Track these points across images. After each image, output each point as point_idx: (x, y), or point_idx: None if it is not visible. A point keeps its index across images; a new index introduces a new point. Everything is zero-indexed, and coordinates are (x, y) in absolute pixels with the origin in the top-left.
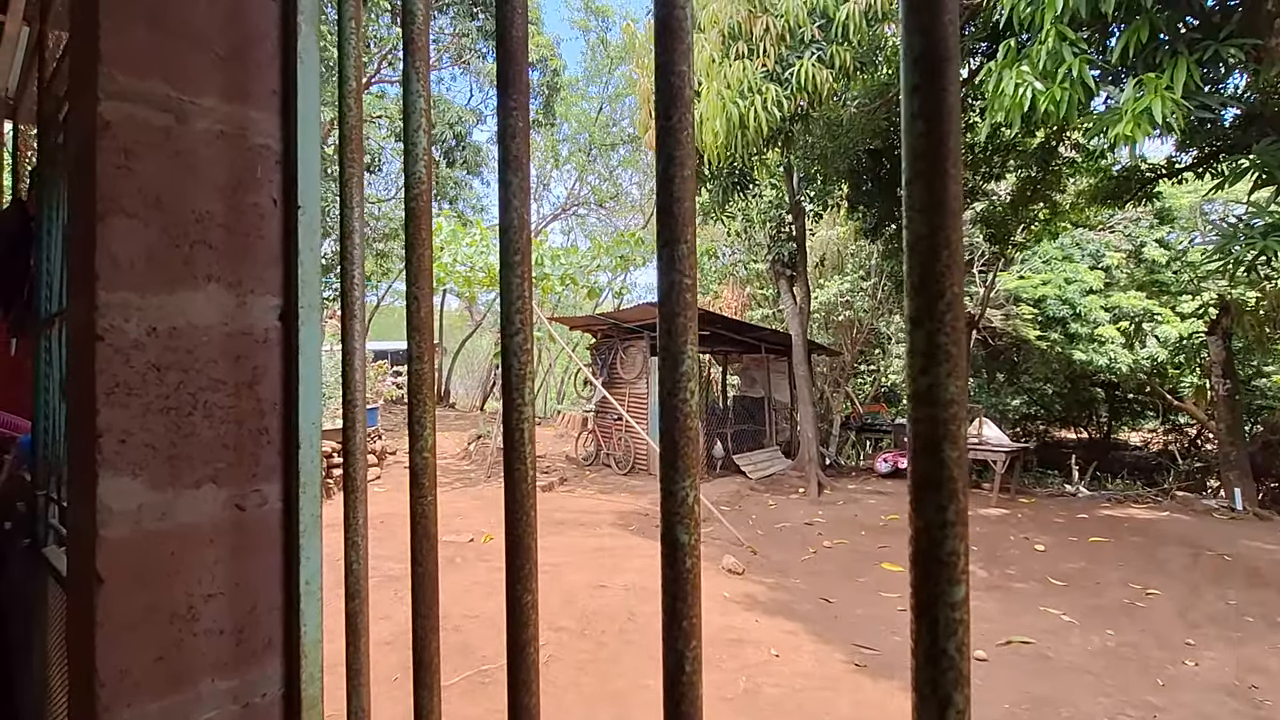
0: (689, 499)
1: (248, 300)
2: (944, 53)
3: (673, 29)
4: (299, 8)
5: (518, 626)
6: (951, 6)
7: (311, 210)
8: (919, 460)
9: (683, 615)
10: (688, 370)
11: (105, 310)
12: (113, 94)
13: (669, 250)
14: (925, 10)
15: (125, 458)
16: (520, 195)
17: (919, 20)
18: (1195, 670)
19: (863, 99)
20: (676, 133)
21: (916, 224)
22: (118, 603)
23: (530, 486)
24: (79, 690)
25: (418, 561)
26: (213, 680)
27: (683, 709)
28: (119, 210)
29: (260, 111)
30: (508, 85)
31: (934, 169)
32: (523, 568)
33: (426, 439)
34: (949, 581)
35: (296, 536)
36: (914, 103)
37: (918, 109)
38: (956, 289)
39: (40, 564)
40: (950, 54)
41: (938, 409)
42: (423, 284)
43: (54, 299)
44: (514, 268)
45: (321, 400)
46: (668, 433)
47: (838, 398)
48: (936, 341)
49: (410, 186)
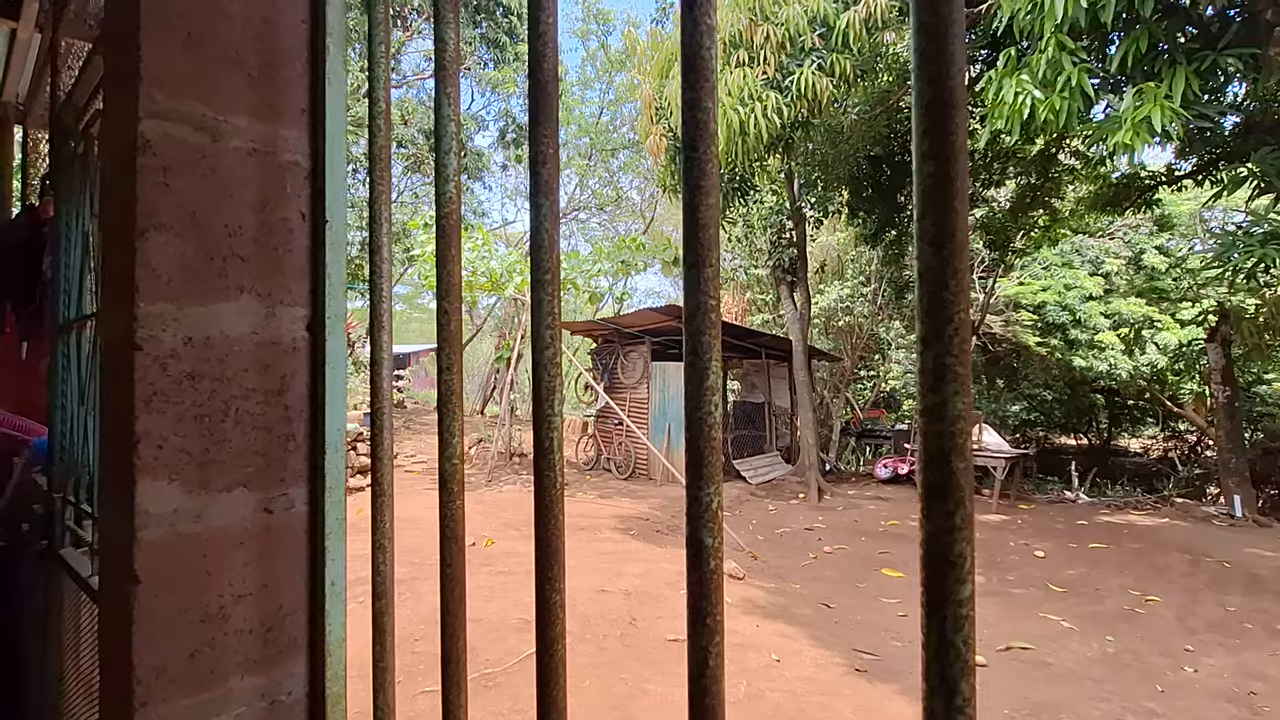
0: (713, 504)
1: (277, 311)
2: (953, 100)
3: (698, 67)
4: (327, 29)
5: (547, 624)
6: (960, 60)
7: (338, 224)
8: (929, 470)
9: (706, 613)
10: (712, 384)
11: (144, 321)
12: (153, 113)
13: (695, 272)
14: (936, 61)
15: (162, 463)
16: (550, 218)
17: (930, 70)
18: (1194, 676)
19: (863, 106)
20: (702, 164)
21: (927, 255)
22: (154, 603)
23: (559, 492)
24: (113, 687)
25: (446, 563)
26: (242, 678)
27: (707, 703)
28: (157, 225)
29: (290, 129)
30: (539, 116)
31: (944, 206)
32: (551, 568)
33: (455, 446)
34: (957, 581)
35: (322, 539)
36: (925, 144)
37: (929, 150)
38: (963, 315)
39: (57, 565)
40: (958, 102)
41: (945, 424)
42: (453, 299)
43: (73, 305)
44: (545, 286)
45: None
46: (693, 442)
47: (838, 403)
48: (944, 362)
49: (441, 205)
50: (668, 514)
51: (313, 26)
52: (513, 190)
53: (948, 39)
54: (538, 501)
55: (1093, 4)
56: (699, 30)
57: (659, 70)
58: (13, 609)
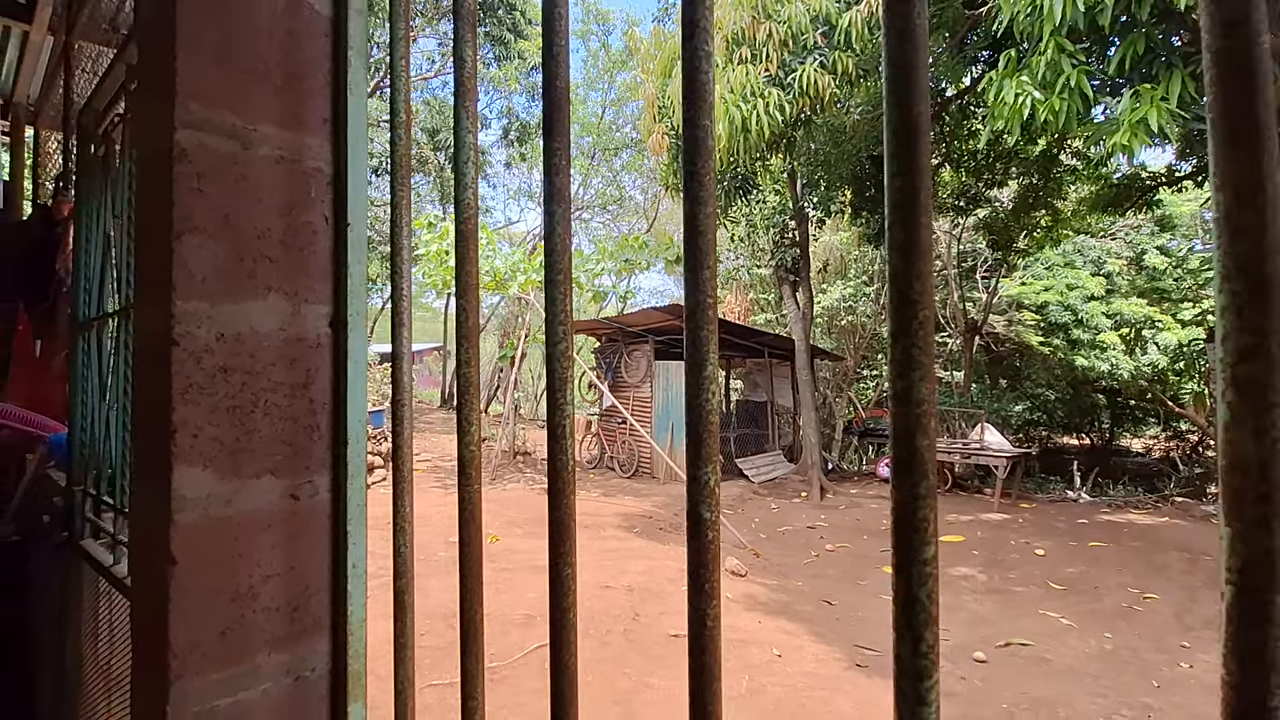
0: (710, 482)
1: (302, 309)
2: (917, 126)
3: (697, 88)
4: (349, 42)
5: (560, 595)
6: (923, 89)
7: (359, 227)
8: (897, 446)
9: (704, 580)
10: (709, 374)
11: (180, 318)
12: (188, 123)
13: (695, 274)
14: (903, 92)
15: (197, 451)
16: (563, 223)
17: (898, 98)
18: (1190, 672)
19: (865, 106)
20: (700, 177)
21: (895, 260)
22: (189, 582)
23: (571, 474)
24: (149, 662)
25: (465, 544)
26: (269, 654)
27: (704, 660)
28: (193, 229)
29: (313, 138)
30: (552, 128)
31: (910, 217)
32: (564, 543)
33: (473, 434)
34: (921, 543)
35: (344, 523)
36: (894, 164)
37: (897, 169)
38: (927, 311)
39: (77, 556)
40: (922, 128)
41: (911, 406)
42: (470, 298)
43: (93, 304)
44: (558, 285)
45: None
46: (693, 426)
47: (840, 402)
48: (910, 354)
49: (460, 210)
50: (670, 512)
51: (334, 39)
52: (515, 190)
53: (912, 74)
54: (551, 481)
55: (1090, 7)
56: (697, 56)
57: (662, 69)
58: (31, 598)
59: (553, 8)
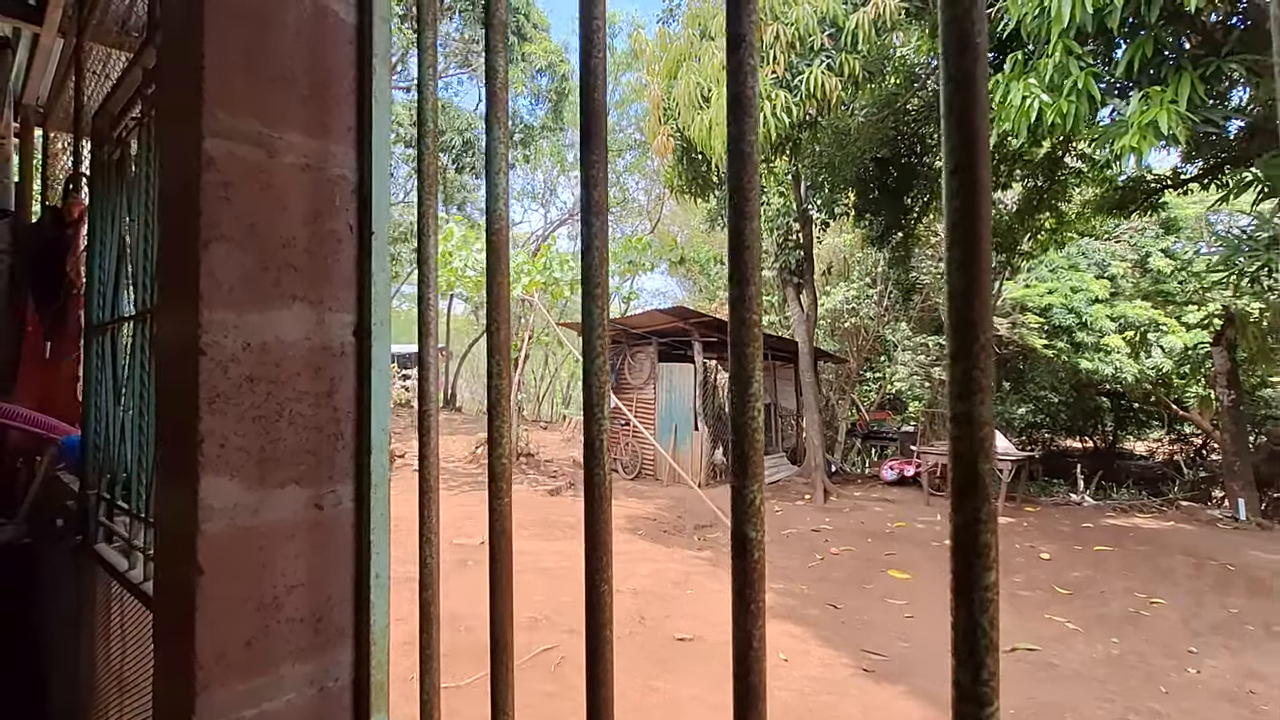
0: (756, 500)
1: (326, 318)
2: (977, 142)
3: (743, 105)
4: (374, 50)
5: (596, 610)
6: (983, 105)
7: (382, 235)
8: (957, 470)
9: (750, 600)
10: (755, 391)
11: (208, 327)
12: (216, 132)
13: (739, 289)
14: (963, 108)
15: (223, 460)
16: (601, 235)
17: (958, 114)
18: (1197, 677)
19: (870, 108)
20: (746, 191)
21: (955, 279)
22: (215, 591)
23: (607, 490)
24: (173, 672)
25: (495, 558)
26: (293, 664)
27: (750, 681)
28: (220, 237)
29: (338, 145)
30: (590, 140)
31: (971, 235)
32: (600, 560)
33: (504, 445)
34: (984, 568)
35: (367, 533)
36: (954, 181)
37: (957, 186)
38: (988, 333)
39: (91, 560)
40: (983, 144)
41: (973, 429)
42: (502, 311)
43: (107, 307)
44: (595, 299)
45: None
46: (739, 444)
47: (843, 405)
48: (972, 376)
49: (491, 223)
50: (674, 514)
51: (359, 46)
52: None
53: (972, 88)
54: (587, 498)
55: (1099, 9)
56: (743, 70)
57: (667, 71)
58: (44, 601)
59: (591, 20)
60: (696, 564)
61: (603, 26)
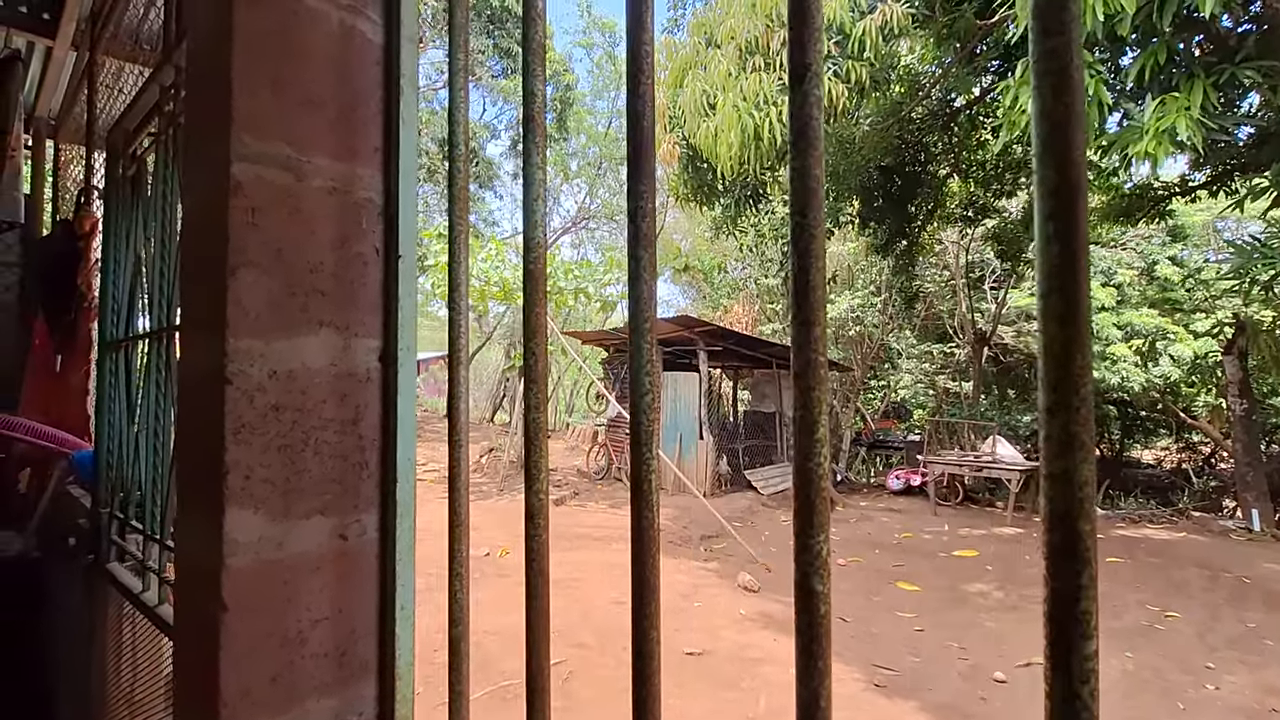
0: (823, 552)
1: (352, 344)
2: (1077, 187)
3: (808, 138)
4: (401, 71)
5: (642, 659)
6: (1081, 147)
7: (409, 258)
8: (1054, 531)
9: (817, 656)
10: (821, 437)
11: (234, 356)
12: (243, 156)
13: (805, 330)
14: (1060, 150)
15: (248, 492)
16: (649, 269)
17: (1053, 158)
18: (1215, 693)
19: (875, 117)
20: (811, 229)
21: (1052, 329)
22: (240, 628)
23: (655, 533)
24: (195, 707)
25: (532, 596)
26: (318, 700)
27: None
28: (247, 263)
29: (365, 168)
30: (638, 170)
31: (1070, 284)
32: (648, 605)
33: (542, 481)
34: (1083, 637)
35: (393, 564)
36: (1050, 226)
37: (1054, 232)
38: (1089, 387)
39: (103, 579)
40: (1082, 188)
41: (1072, 488)
42: (539, 340)
43: (121, 324)
44: (644, 335)
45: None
46: (802, 491)
47: (848, 413)
48: (1071, 431)
49: (529, 250)
50: (680, 524)
51: (385, 67)
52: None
53: (1069, 130)
54: (634, 539)
55: (1109, 16)
56: (809, 103)
57: (673, 80)
58: (53, 617)
59: (639, 47)
60: (704, 575)
61: (651, 54)
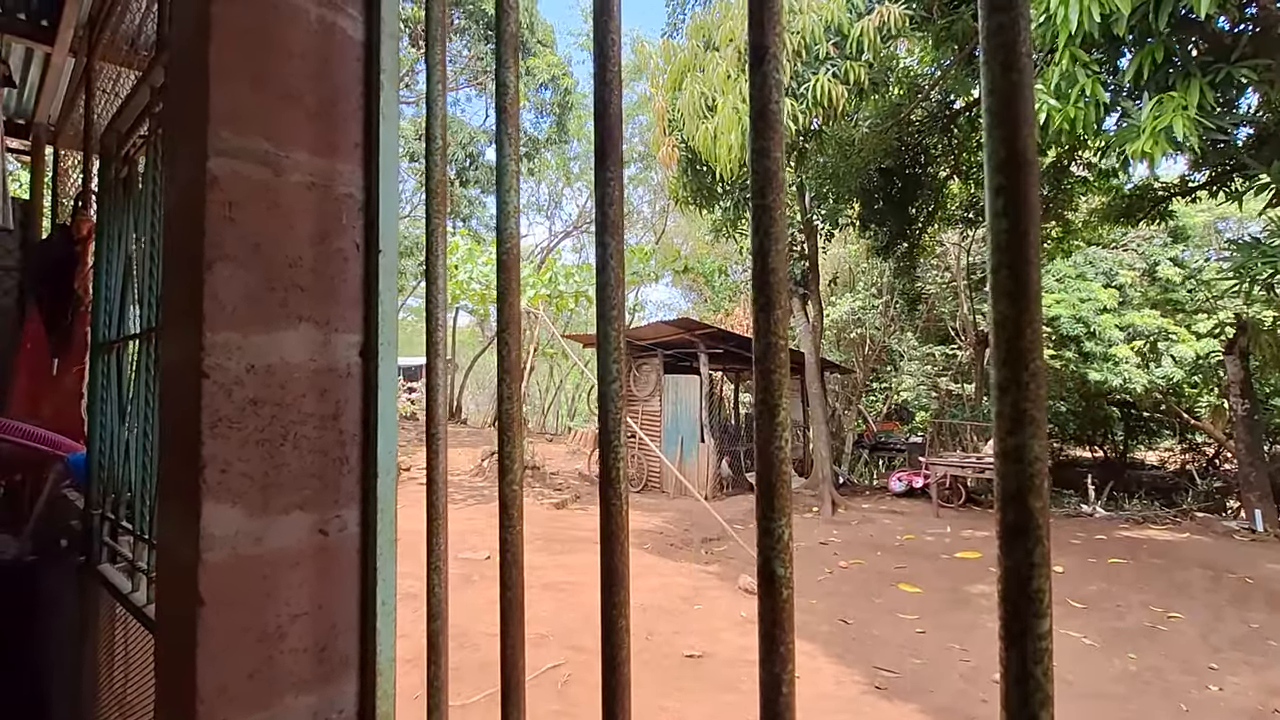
0: (785, 536)
1: (332, 338)
2: (1025, 159)
3: (767, 119)
4: (381, 66)
5: (613, 647)
6: (1029, 120)
7: (390, 254)
8: (1006, 509)
9: (780, 641)
10: (782, 420)
11: (211, 350)
12: (221, 151)
13: (766, 314)
14: (1007, 123)
15: (226, 487)
16: (616, 256)
17: (1002, 131)
18: (1219, 695)
19: (875, 119)
20: (771, 210)
21: (1003, 306)
22: (217, 623)
23: (624, 519)
24: (174, 706)
25: (507, 586)
26: (297, 696)
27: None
28: (224, 257)
29: (345, 163)
30: (605, 157)
31: (1019, 259)
32: (618, 593)
33: (515, 472)
34: (1036, 615)
35: (373, 559)
36: (999, 201)
37: (1002, 207)
38: (1039, 362)
39: (95, 581)
40: (1031, 160)
41: (1024, 465)
42: (513, 331)
43: (113, 325)
44: (611, 321)
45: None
46: (764, 476)
47: (850, 415)
48: (1022, 408)
49: (502, 241)
50: (680, 527)
51: (366, 63)
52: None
53: (1017, 101)
54: (603, 530)
55: (1106, 16)
56: (768, 84)
57: (672, 83)
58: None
59: (605, 35)
60: (704, 578)
61: (618, 41)
